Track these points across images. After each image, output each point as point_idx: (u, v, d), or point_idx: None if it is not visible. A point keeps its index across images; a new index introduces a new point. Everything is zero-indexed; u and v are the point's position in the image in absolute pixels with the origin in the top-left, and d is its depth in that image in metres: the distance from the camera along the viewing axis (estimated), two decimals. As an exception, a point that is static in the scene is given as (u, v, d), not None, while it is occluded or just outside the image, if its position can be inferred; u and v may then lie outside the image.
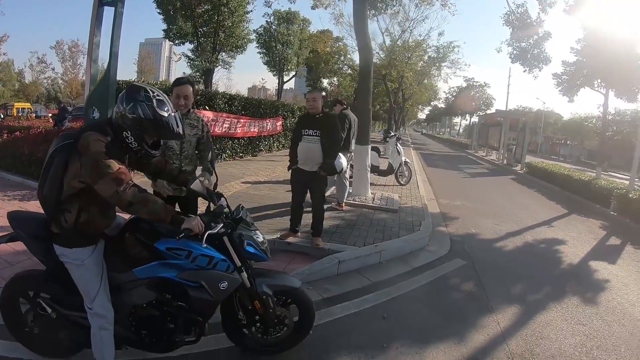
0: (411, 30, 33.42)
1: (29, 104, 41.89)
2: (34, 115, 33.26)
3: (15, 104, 38.96)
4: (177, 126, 2.53)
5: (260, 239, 2.96)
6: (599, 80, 23.12)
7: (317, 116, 5.36)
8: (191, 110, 3.97)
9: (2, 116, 30.79)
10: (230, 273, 2.80)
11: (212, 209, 2.86)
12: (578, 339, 3.97)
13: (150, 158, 2.75)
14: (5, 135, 10.53)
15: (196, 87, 4.19)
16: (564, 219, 10.15)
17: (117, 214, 2.86)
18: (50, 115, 32.53)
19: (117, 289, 2.72)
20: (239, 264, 2.82)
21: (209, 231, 2.59)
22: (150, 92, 2.48)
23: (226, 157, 13.54)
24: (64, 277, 2.66)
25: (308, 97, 5.55)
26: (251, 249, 2.85)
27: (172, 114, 2.53)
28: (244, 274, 2.86)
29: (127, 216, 2.80)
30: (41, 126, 14.35)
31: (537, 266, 6.19)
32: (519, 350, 3.64)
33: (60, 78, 48.13)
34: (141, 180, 3.94)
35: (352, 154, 8.51)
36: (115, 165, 2.35)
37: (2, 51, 31.02)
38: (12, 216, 2.85)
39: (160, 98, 2.50)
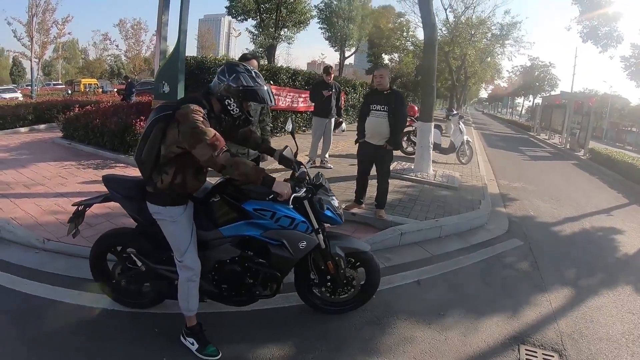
0: (474, 7, 32.51)
1: (95, 80, 43.47)
2: (101, 90, 34.39)
3: (82, 80, 40.35)
4: (271, 95, 2.86)
5: (336, 204, 3.24)
6: (670, 65, 21.63)
7: (385, 92, 5.60)
8: None
9: (69, 92, 32.05)
10: (309, 234, 3.08)
11: (296, 175, 3.09)
12: (627, 327, 4.02)
13: (249, 123, 3.04)
14: (77, 109, 11.16)
15: (260, 61, 4.63)
16: (624, 209, 9.86)
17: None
18: (115, 90, 33.81)
19: (203, 245, 2.99)
20: (316, 226, 3.10)
21: (295, 194, 2.87)
22: (247, 67, 2.83)
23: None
24: (154, 234, 2.98)
25: (376, 74, 5.82)
26: (329, 213, 3.13)
27: (265, 85, 2.86)
28: (320, 236, 3.14)
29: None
30: (110, 100, 15.25)
31: (592, 253, 6.18)
32: (568, 330, 3.77)
33: (124, 55, 50.04)
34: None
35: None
36: (211, 132, 2.59)
37: (67, 31, 32.22)
38: (108, 179, 3.18)
39: (256, 72, 2.86)
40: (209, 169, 2.84)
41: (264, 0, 35.61)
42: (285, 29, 38.16)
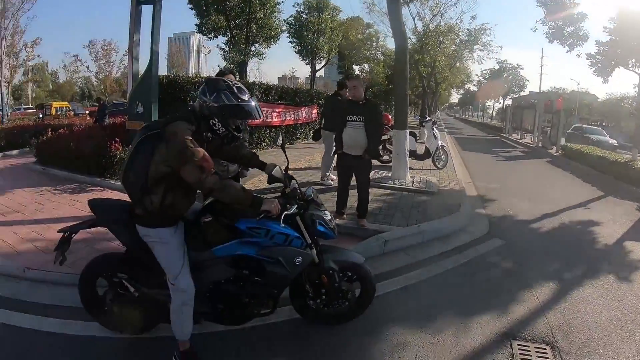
0: (442, 14, 33.02)
1: (67, 103, 42.46)
2: (72, 113, 33.60)
3: (53, 103, 39.43)
4: (258, 108, 2.80)
5: (329, 217, 3.24)
6: (634, 60, 22.43)
7: (360, 103, 5.63)
8: None
9: (40, 116, 31.05)
10: (303, 249, 3.08)
11: (286, 192, 3.12)
12: (613, 313, 4.16)
13: (236, 140, 2.95)
14: (50, 133, 10.88)
15: (237, 76, 4.66)
16: (600, 201, 10.12)
17: None
18: (87, 112, 33.31)
19: (196, 267, 2.89)
20: (310, 241, 3.10)
21: (285, 212, 2.86)
22: (229, 82, 2.75)
23: (264, 145, 13.85)
24: (144, 258, 2.87)
25: (349, 84, 5.84)
26: (322, 228, 3.14)
27: (251, 98, 2.78)
28: (314, 251, 3.15)
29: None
30: (83, 123, 15.11)
31: (573, 246, 6.33)
32: (557, 322, 3.86)
33: (94, 76, 49.56)
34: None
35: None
36: (199, 153, 2.52)
37: (36, 54, 31.83)
38: (94, 203, 3.03)
39: (239, 86, 2.77)
40: None
41: (234, 17, 35.70)
42: (256, 45, 38.25)
